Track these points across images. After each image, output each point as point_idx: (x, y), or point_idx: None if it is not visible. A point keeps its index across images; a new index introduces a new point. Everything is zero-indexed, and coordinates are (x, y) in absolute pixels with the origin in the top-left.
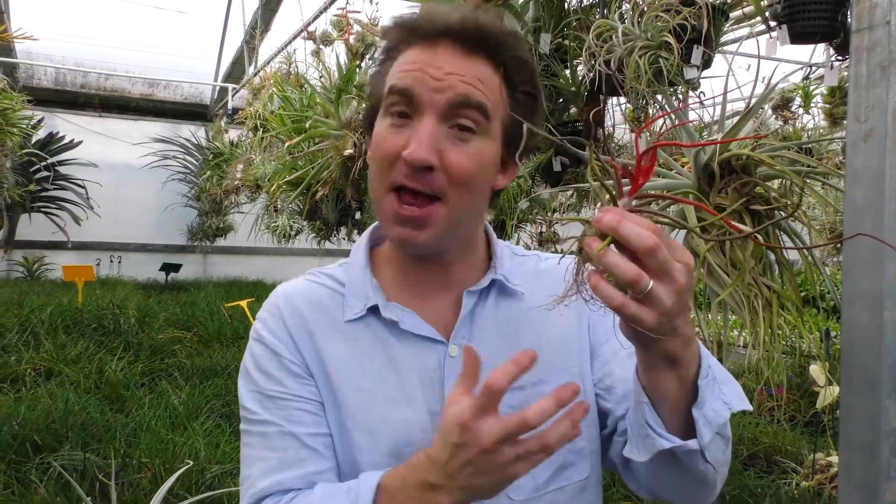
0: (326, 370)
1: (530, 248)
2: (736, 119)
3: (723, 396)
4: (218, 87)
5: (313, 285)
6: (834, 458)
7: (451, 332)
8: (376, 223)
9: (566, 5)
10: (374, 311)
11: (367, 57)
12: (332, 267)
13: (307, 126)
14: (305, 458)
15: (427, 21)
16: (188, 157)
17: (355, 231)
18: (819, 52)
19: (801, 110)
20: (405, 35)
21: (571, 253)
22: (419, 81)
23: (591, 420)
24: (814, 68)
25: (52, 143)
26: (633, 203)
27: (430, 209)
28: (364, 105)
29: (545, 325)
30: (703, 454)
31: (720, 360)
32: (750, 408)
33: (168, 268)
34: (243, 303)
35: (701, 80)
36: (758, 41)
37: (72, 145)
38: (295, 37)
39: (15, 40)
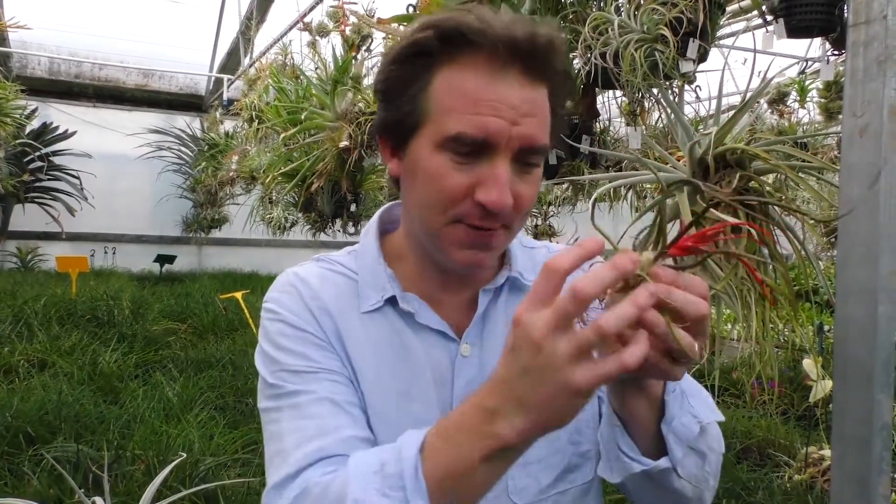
0: (347, 353)
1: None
2: (731, 113)
3: (692, 410)
4: (213, 78)
5: (327, 271)
6: (826, 452)
7: (462, 331)
8: (386, 207)
9: None
10: (390, 301)
11: (364, 48)
12: (340, 255)
13: (303, 117)
14: (344, 423)
15: (489, 32)
16: (183, 148)
17: (350, 223)
18: (815, 47)
19: (796, 105)
20: (455, 43)
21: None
22: (495, 129)
23: (595, 422)
24: (810, 63)
25: (45, 134)
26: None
27: (495, 234)
28: (382, 106)
29: None
30: (676, 471)
31: (713, 354)
32: (721, 418)
33: (163, 259)
34: (238, 294)
35: (697, 74)
36: (754, 35)
37: (66, 135)
38: (291, 27)
39: (8, 29)
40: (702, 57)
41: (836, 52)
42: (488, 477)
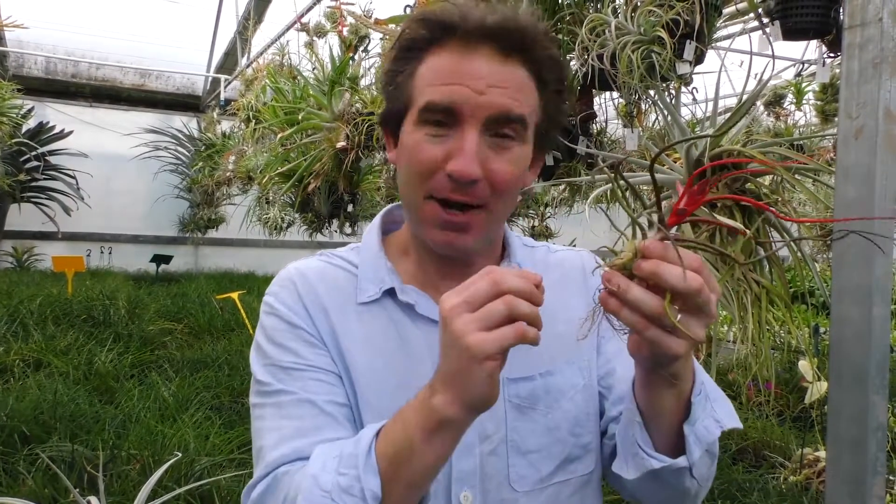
0: (340, 347)
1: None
2: (728, 115)
3: (714, 414)
4: (210, 78)
5: (327, 265)
6: (822, 453)
7: None
8: (387, 208)
9: None
10: (389, 294)
11: (361, 49)
12: (345, 250)
13: (300, 118)
14: (323, 425)
15: (463, 21)
16: (180, 148)
17: (347, 223)
18: (812, 49)
19: (793, 107)
20: (436, 33)
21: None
22: (460, 96)
23: (596, 415)
24: (806, 65)
25: (42, 133)
26: (673, 230)
27: (473, 215)
28: (384, 102)
29: (554, 317)
30: (691, 470)
31: (709, 354)
32: (740, 426)
33: (159, 259)
34: (234, 295)
35: (693, 76)
36: (750, 37)
37: (62, 135)
38: (288, 28)
39: (5, 28)
40: (698, 59)
41: (832, 55)
42: (430, 454)
